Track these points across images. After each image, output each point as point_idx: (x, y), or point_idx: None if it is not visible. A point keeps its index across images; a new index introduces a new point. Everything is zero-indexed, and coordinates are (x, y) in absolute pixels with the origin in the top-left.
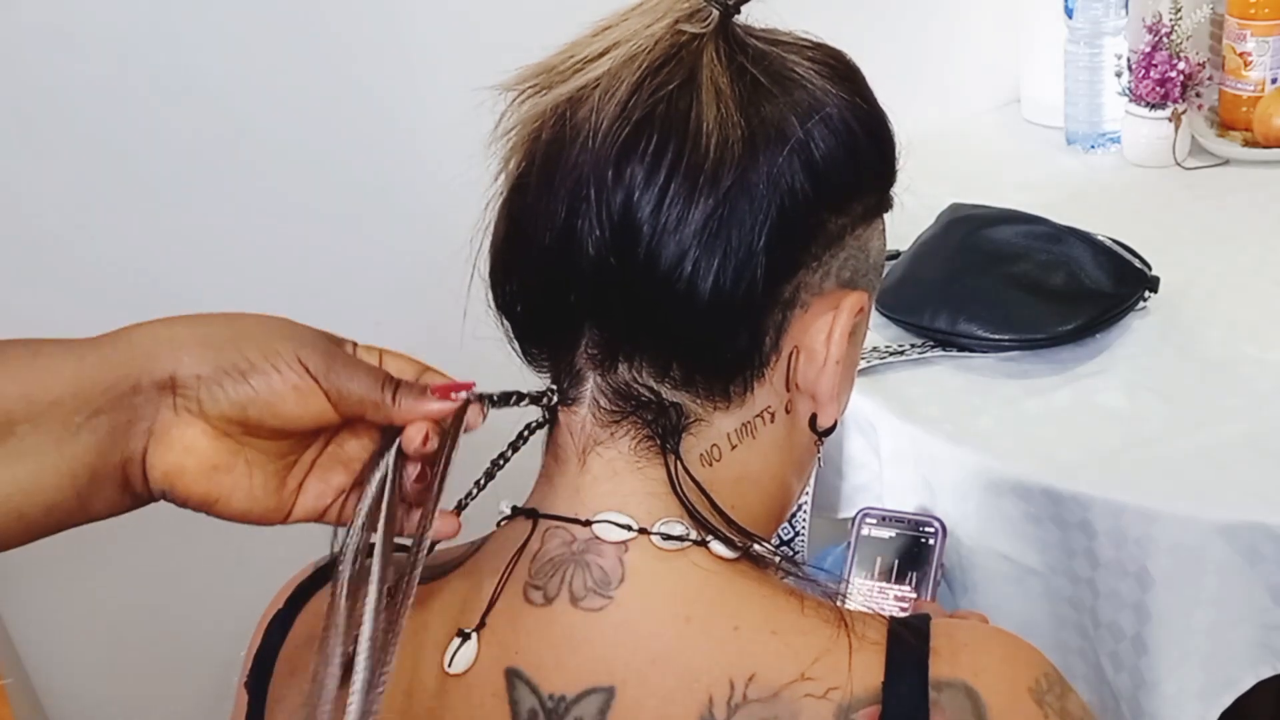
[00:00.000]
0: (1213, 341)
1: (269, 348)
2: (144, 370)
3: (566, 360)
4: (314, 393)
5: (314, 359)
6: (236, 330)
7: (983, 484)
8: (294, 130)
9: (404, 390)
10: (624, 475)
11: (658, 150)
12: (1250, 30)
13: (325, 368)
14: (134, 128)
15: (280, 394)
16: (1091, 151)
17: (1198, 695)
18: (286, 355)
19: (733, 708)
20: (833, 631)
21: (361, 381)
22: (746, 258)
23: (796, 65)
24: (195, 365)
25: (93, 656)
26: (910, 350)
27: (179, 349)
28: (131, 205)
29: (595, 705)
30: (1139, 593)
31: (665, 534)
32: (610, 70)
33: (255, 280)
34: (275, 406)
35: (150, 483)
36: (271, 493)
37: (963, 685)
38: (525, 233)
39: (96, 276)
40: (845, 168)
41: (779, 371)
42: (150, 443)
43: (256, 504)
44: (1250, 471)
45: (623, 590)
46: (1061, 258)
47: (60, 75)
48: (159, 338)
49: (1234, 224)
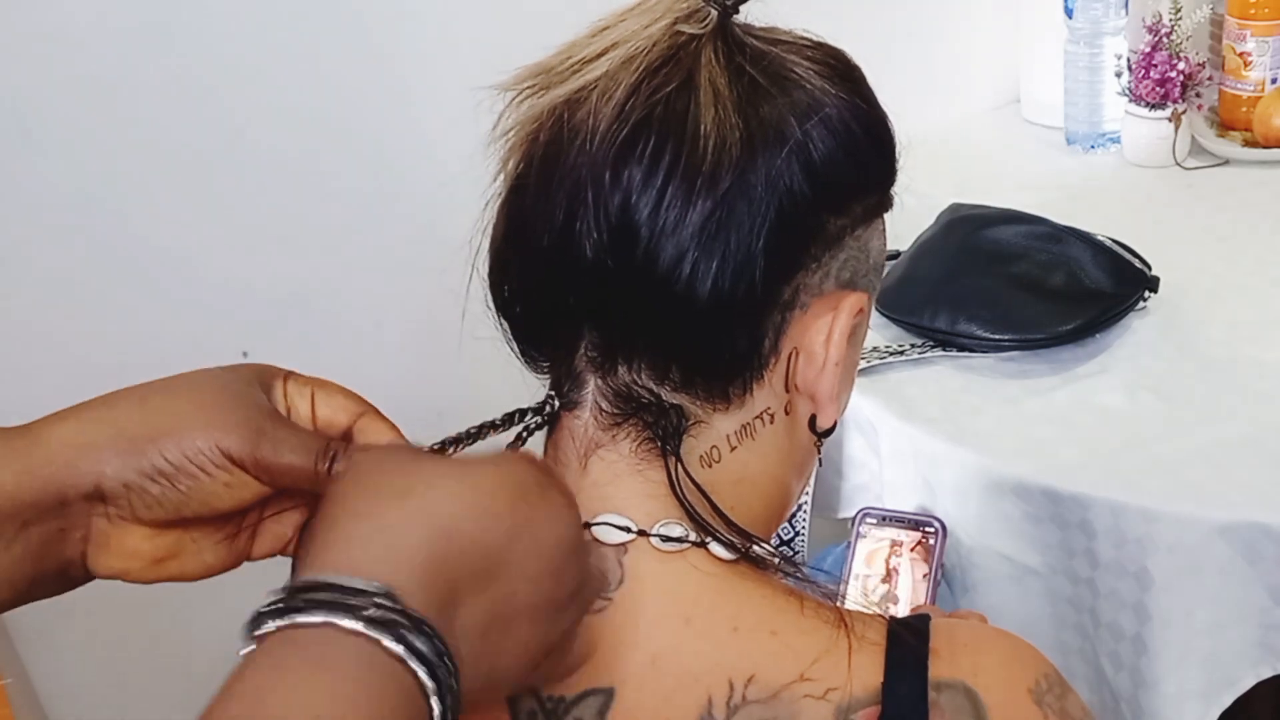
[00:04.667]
0: (1213, 341)
1: (188, 445)
2: (67, 482)
3: (567, 363)
4: (243, 480)
5: (236, 444)
6: (153, 430)
7: (983, 484)
8: (294, 130)
9: (342, 460)
10: (624, 478)
11: (655, 152)
12: (1250, 30)
13: (251, 448)
14: (133, 128)
15: (211, 491)
16: (1091, 151)
17: (1198, 695)
18: (207, 451)
19: (732, 708)
20: (832, 632)
21: (292, 456)
22: (745, 259)
23: (796, 65)
24: (119, 474)
25: (93, 656)
26: (910, 350)
27: (98, 457)
28: (131, 205)
29: (594, 706)
30: (1139, 593)
31: (664, 535)
32: (608, 71)
33: (255, 280)
34: (209, 502)
35: (96, 577)
36: (224, 556)
37: (962, 686)
38: (524, 234)
39: (97, 275)
40: (844, 169)
41: (778, 373)
42: (89, 549)
43: (213, 566)
44: (1250, 471)
45: (622, 592)
46: (1061, 258)
47: (60, 75)
48: (75, 445)
49: (1234, 224)
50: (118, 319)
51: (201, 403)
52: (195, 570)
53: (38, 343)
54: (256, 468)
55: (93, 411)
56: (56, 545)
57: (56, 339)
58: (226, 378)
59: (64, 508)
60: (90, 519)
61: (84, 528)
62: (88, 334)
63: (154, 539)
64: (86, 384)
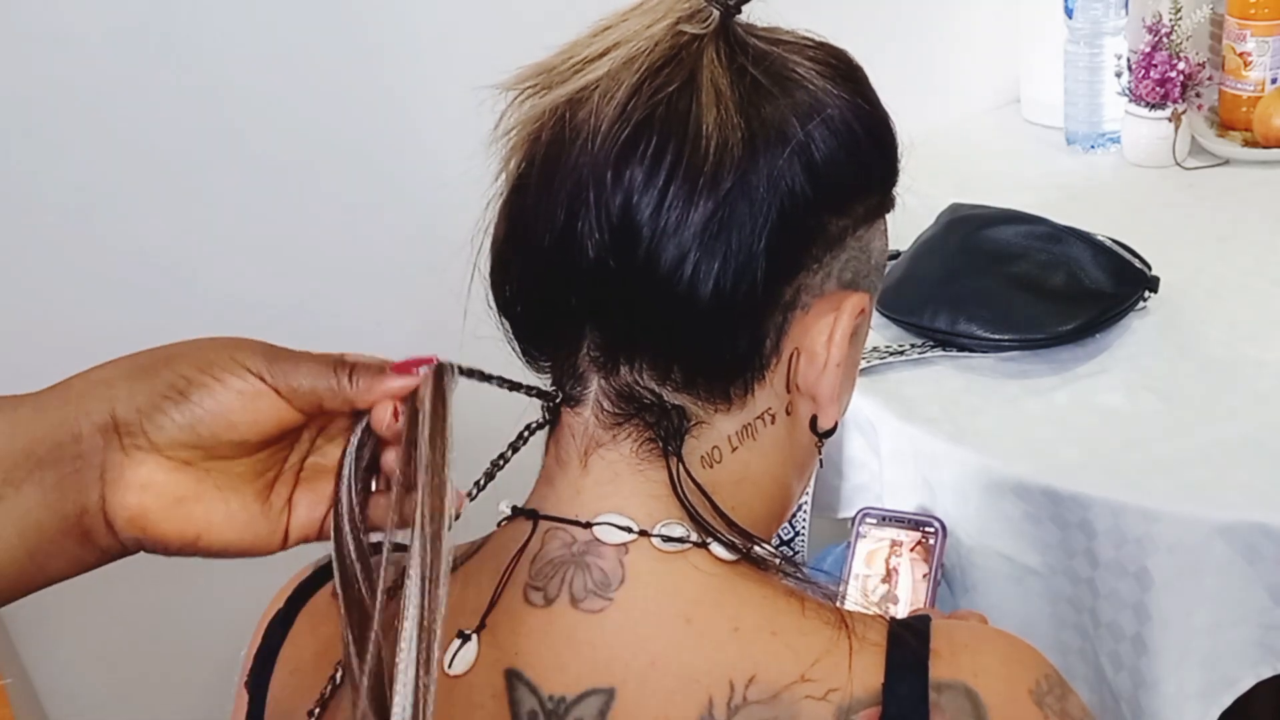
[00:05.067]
0: (1213, 341)
1: (203, 360)
2: (81, 415)
3: (569, 362)
4: (263, 394)
5: (254, 360)
6: (168, 354)
7: (983, 484)
8: (294, 130)
9: (360, 370)
10: (625, 477)
11: (657, 152)
12: (1250, 30)
13: (267, 365)
14: (130, 129)
15: (226, 404)
16: (1091, 151)
17: (1198, 695)
18: (223, 363)
19: (732, 709)
20: (833, 633)
21: (309, 370)
22: (747, 260)
23: (797, 66)
24: (131, 398)
25: (93, 656)
26: (910, 350)
27: (112, 385)
28: (130, 206)
29: (595, 706)
30: (1139, 593)
31: (665, 536)
32: (610, 71)
33: (255, 281)
34: (226, 418)
35: (118, 533)
36: (256, 516)
37: (963, 686)
38: (525, 234)
39: (95, 278)
40: (846, 169)
41: (779, 373)
42: (106, 490)
43: (244, 531)
44: (1250, 471)
45: (623, 592)
46: (1061, 258)
47: (67, 70)
48: (91, 380)
49: (1234, 224)
50: (117, 320)
51: (221, 340)
52: (223, 527)
53: (34, 347)
54: (273, 379)
55: (114, 360)
56: (72, 488)
57: (53, 343)
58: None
59: (78, 443)
60: (106, 453)
61: (99, 464)
62: (86, 337)
63: (173, 473)
64: None
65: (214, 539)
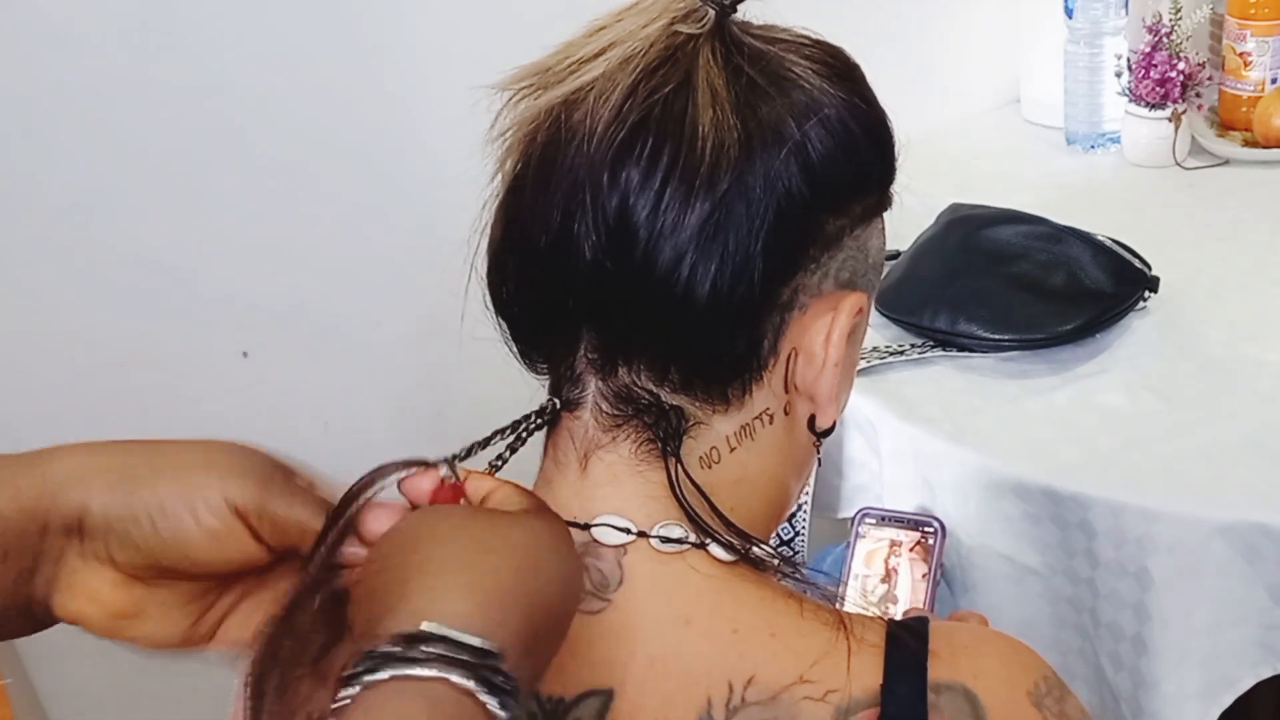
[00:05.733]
0: (1213, 341)
1: (187, 488)
2: (53, 508)
3: (567, 364)
4: (237, 536)
5: (243, 492)
6: (153, 465)
7: (983, 484)
8: (293, 130)
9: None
10: (624, 479)
11: (653, 153)
12: (1250, 30)
13: (260, 497)
14: (129, 129)
15: (194, 544)
16: (1091, 151)
17: (1198, 695)
18: (207, 498)
19: (731, 710)
20: (831, 634)
21: (303, 510)
22: (744, 261)
23: (794, 65)
24: (104, 506)
25: (93, 656)
26: (910, 350)
27: (89, 485)
28: (129, 206)
29: (593, 708)
30: (1139, 593)
31: (664, 537)
32: (606, 72)
33: (254, 281)
34: (190, 556)
35: (56, 618)
36: (187, 630)
37: (961, 688)
38: (521, 235)
39: (95, 279)
40: (843, 169)
41: (777, 374)
42: (54, 590)
43: (170, 638)
44: (1250, 471)
45: (621, 593)
46: (1061, 258)
47: (67, 70)
48: (72, 470)
49: (1234, 224)
50: (117, 320)
51: (211, 450)
52: (152, 637)
53: (33, 348)
54: (261, 518)
55: (101, 445)
56: (26, 582)
57: (53, 344)
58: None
59: (42, 539)
60: (64, 555)
61: (55, 564)
62: (86, 338)
63: (121, 589)
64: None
65: (141, 642)
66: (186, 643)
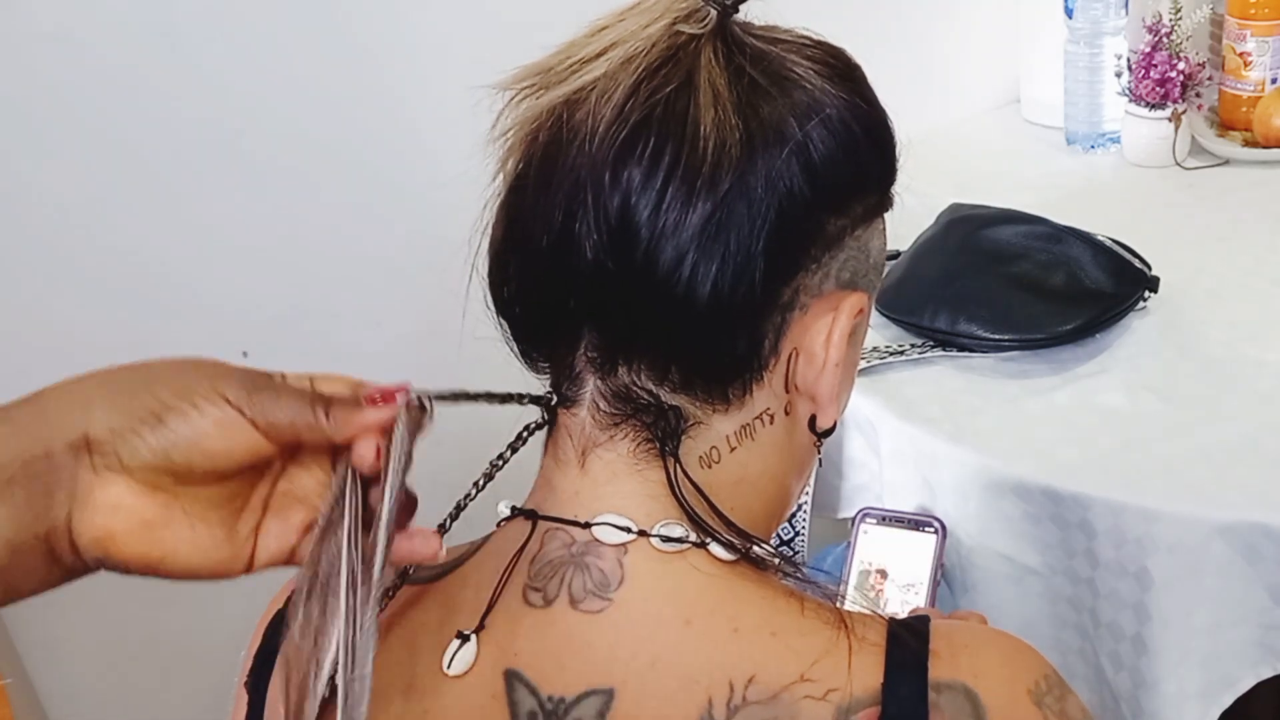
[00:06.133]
0: (1213, 341)
1: (182, 385)
2: (55, 432)
3: (566, 362)
4: (239, 425)
5: (233, 389)
6: (147, 375)
7: (983, 484)
8: (293, 130)
9: (337, 406)
10: (623, 477)
11: (655, 153)
12: (1250, 30)
13: (246, 396)
14: (128, 129)
15: (202, 431)
16: (1091, 151)
17: (1198, 695)
18: (202, 390)
19: (732, 709)
20: (832, 633)
21: (288, 404)
22: (745, 261)
23: (795, 65)
24: (107, 418)
25: (93, 656)
26: (910, 350)
27: (88, 404)
28: (127, 204)
29: (594, 707)
30: (1139, 593)
31: (665, 536)
32: (607, 72)
33: (254, 282)
34: (200, 446)
35: (81, 552)
36: (221, 542)
37: (962, 687)
38: (523, 235)
39: (94, 279)
40: (844, 169)
41: (778, 374)
42: (73, 509)
43: (208, 557)
44: (1250, 471)
45: (622, 592)
46: (1061, 258)
47: (66, 70)
48: (67, 396)
49: (1234, 224)
50: (115, 321)
51: (191, 360)
52: (187, 551)
53: (33, 348)
54: (251, 411)
55: (90, 373)
56: (41, 507)
57: (53, 344)
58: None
59: (49, 460)
60: (76, 473)
61: (69, 483)
62: (86, 338)
63: (142, 496)
64: None
65: (177, 563)
66: (227, 565)
